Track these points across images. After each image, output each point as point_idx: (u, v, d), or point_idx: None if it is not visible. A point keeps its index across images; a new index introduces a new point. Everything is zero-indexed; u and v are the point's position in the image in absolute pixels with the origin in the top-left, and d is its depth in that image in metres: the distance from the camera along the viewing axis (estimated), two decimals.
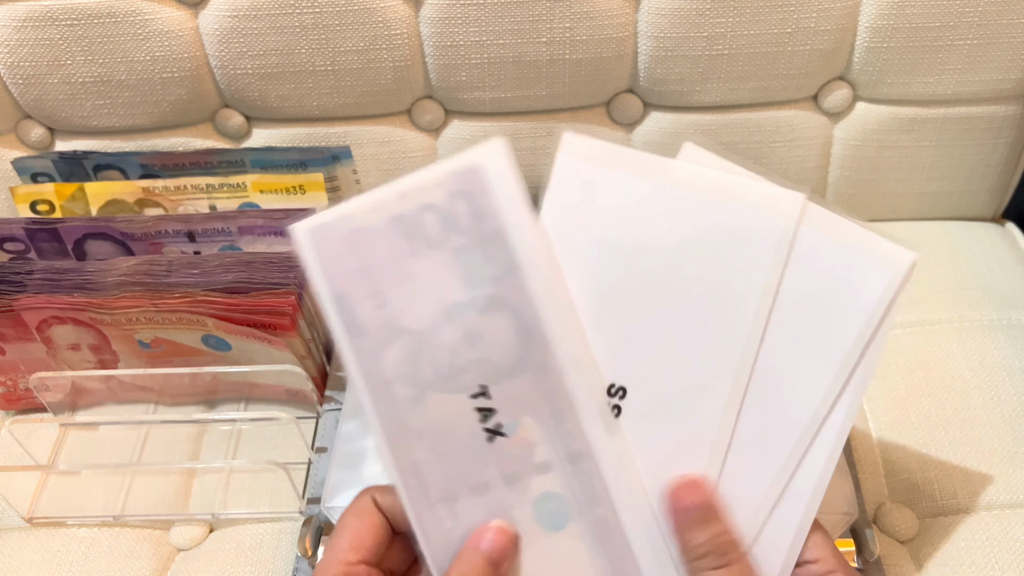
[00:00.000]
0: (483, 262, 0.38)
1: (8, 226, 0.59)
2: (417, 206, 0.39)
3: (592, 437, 0.40)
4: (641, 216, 0.37)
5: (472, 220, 0.38)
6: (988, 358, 0.58)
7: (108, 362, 0.58)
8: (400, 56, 0.60)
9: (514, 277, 0.38)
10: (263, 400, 0.60)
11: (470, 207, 0.39)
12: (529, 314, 0.39)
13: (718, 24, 0.58)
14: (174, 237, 0.59)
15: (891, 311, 0.36)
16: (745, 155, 0.65)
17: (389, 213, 0.39)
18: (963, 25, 0.58)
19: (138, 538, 0.54)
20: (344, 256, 0.39)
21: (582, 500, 0.39)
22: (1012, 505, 0.51)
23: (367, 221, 0.39)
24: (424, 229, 0.39)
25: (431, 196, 0.39)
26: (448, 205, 0.39)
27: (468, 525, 0.37)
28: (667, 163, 0.38)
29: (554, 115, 0.64)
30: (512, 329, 0.39)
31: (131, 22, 0.58)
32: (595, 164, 0.38)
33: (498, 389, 0.39)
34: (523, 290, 0.38)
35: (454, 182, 0.39)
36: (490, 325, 0.39)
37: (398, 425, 0.37)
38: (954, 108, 0.62)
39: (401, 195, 0.39)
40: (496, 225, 0.38)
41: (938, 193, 0.67)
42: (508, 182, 0.39)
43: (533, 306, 0.39)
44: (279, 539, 0.53)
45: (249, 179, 0.63)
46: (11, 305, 0.54)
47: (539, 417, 0.39)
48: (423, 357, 0.39)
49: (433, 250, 0.39)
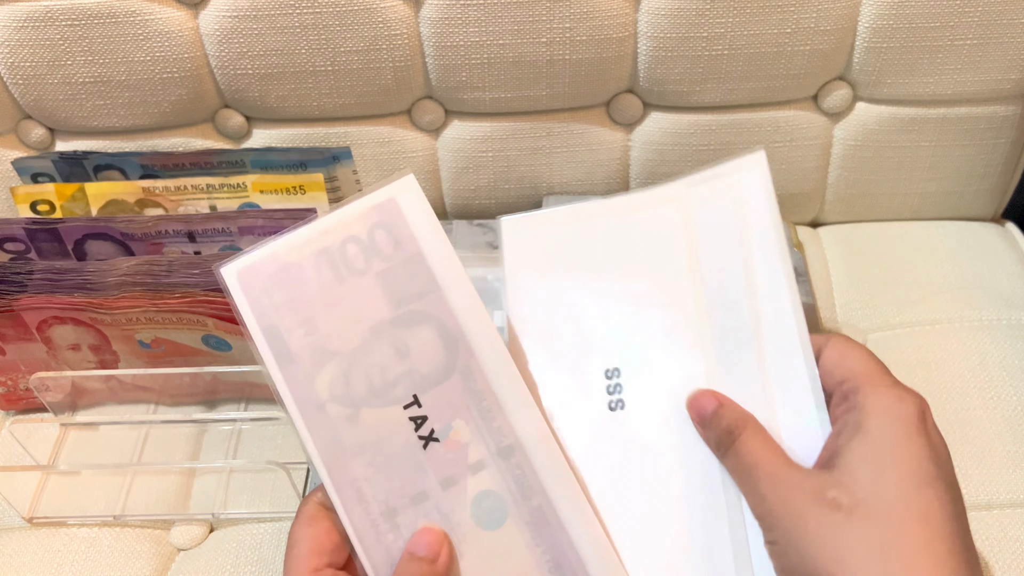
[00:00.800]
0: (405, 282, 0.42)
1: (9, 226, 0.59)
2: (341, 239, 0.42)
3: (520, 429, 0.42)
4: (588, 251, 0.44)
5: (392, 246, 0.42)
6: (988, 358, 0.58)
7: (108, 362, 0.58)
8: (400, 56, 0.60)
9: (435, 292, 0.42)
10: (263, 400, 0.60)
11: (389, 235, 0.42)
12: (452, 324, 0.42)
13: (718, 24, 0.58)
14: (174, 237, 0.59)
15: (773, 201, 0.42)
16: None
17: (314, 248, 0.42)
18: (963, 25, 0.58)
19: (138, 538, 0.54)
20: (272, 291, 0.41)
21: (517, 494, 0.40)
22: (1012, 505, 0.51)
23: (293, 257, 0.42)
24: (348, 259, 0.42)
25: (353, 229, 0.42)
26: (369, 236, 0.42)
27: (408, 537, 0.39)
28: (584, 206, 0.44)
29: (554, 115, 0.64)
30: (438, 339, 0.42)
31: (131, 22, 0.58)
32: (538, 235, 0.44)
33: (428, 397, 0.41)
34: (444, 303, 0.42)
35: (373, 215, 0.42)
36: (417, 338, 0.42)
37: (334, 445, 0.39)
38: (954, 108, 0.62)
39: (324, 231, 0.42)
40: (415, 248, 0.42)
41: (938, 193, 0.68)
42: (422, 210, 0.42)
43: (455, 316, 0.42)
44: (279, 539, 0.53)
45: (249, 179, 0.63)
46: (11, 305, 0.54)
47: (469, 418, 0.41)
48: (355, 375, 0.41)
49: (358, 277, 0.42)
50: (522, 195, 0.68)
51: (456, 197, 0.68)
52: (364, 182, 0.67)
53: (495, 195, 0.68)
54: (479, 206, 0.69)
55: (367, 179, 0.67)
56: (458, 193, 0.68)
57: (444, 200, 0.69)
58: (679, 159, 0.65)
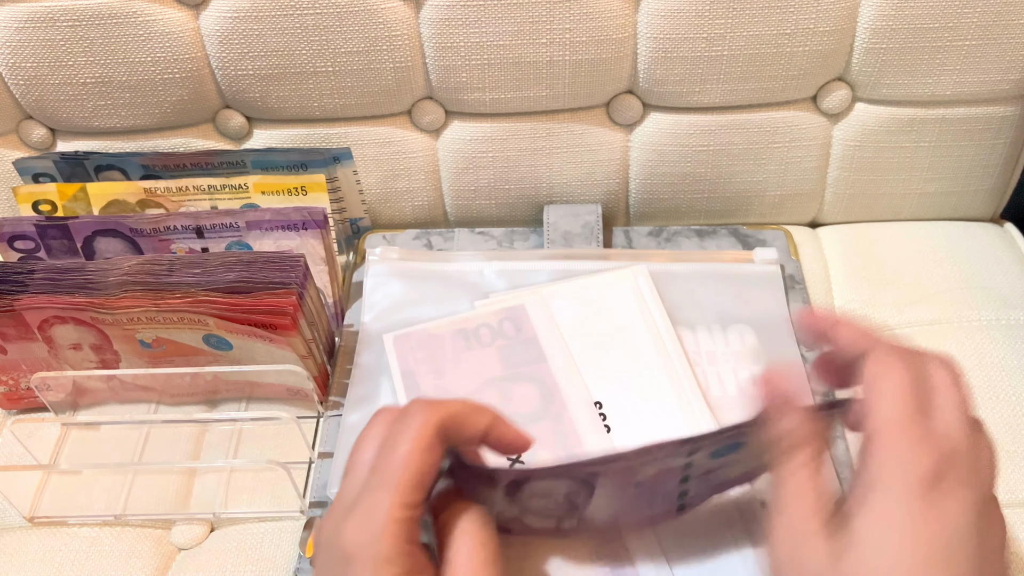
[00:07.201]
0: (520, 354, 0.55)
1: (19, 223, 0.59)
2: (476, 324, 0.57)
3: None
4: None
5: (515, 331, 0.56)
6: (986, 358, 0.58)
7: (109, 362, 0.58)
8: (401, 57, 0.60)
9: (542, 363, 0.55)
10: (264, 399, 0.61)
11: (514, 325, 0.57)
12: (551, 383, 0.54)
13: (717, 25, 0.58)
14: (182, 233, 0.59)
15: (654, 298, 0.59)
16: (745, 155, 0.65)
17: (455, 328, 0.57)
18: (962, 26, 0.58)
19: (139, 537, 0.54)
20: (416, 350, 0.56)
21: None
22: (1012, 505, 0.51)
23: (438, 331, 0.57)
24: (479, 336, 0.56)
25: (487, 319, 0.57)
26: (499, 324, 0.57)
27: None
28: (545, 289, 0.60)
29: (554, 116, 0.64)
30: (537, 393, 0.53)
31: (132, 23, 0.58)
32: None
33: None
34: (548, 371, 0.54)
35: (504, 312, 0.58)
36: (520, 390, 0.53)
37: None
38: (953, 109, 0.63)
39: (466, 319, 0.57)
40: (531, 334, 0.56)
41: (937, 193, 0.68)
42: (544, 311, 0.58)
43: (554, 379, 0.54)
44: (280, 538, 0.53)
45: (251, 180, 0.63)
46: (13, 305, 0.54)
47: (554, 452, 0.50)
48: None
49: (483, 347, 0.56)
50: (522, 195, 0.68)
51: (456, 197, 0.68)
52: (364, 183, 0.67)
53: (495, 195, 0.68)
54: (479, 206, 0.69)
55: (367, 179, 0.67)
56: (458, 194, 0.68)
57: (444, 201, 0.69)
58: (679, 159, 0.65)
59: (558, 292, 0.60)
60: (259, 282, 0.53)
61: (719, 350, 0.57)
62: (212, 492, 0.56)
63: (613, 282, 0.60)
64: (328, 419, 0.57)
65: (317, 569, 0.36)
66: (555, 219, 0.66)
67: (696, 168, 0.66)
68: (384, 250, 0.65)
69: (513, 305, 0.58)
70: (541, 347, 0.55)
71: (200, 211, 0.60)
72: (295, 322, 0.53)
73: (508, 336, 0.56)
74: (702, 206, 0.68)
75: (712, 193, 0.67)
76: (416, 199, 0.68)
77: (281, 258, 0.54)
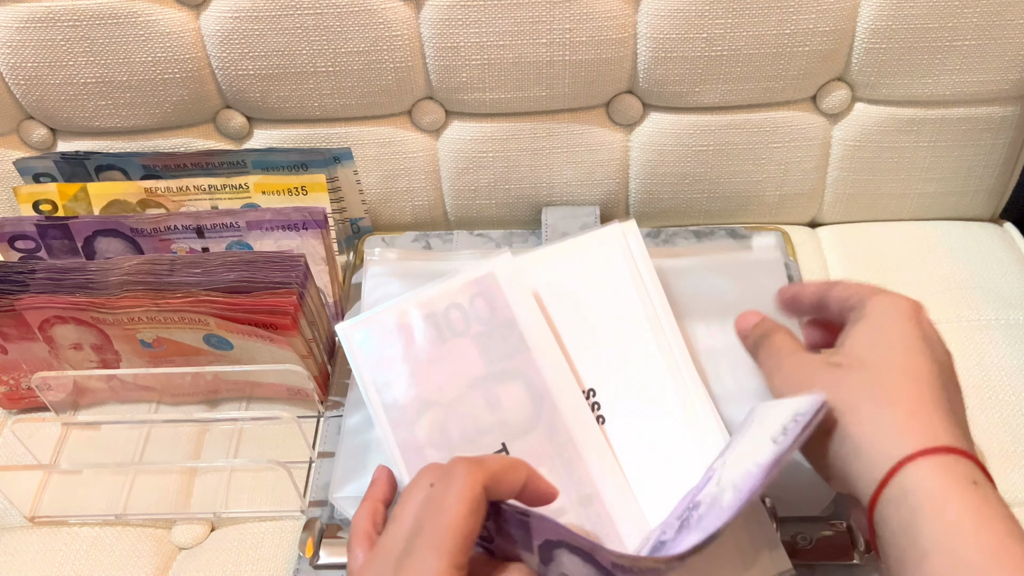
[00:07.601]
0: (499, 344, 0.49)
1: (20, 223, 0.59)
2: (445, 306, 0.50)
3: (599, 480, 0.47)
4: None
5: (488, 311, 0.50)
6: (986, 358, 0.59)
7: (110, 362, 0.58)
8: (401, 57, 0.60)
9: (524, 353, 0.49)
10: (265, 399, 0.61)
11: (487, 303, 0.50)
12: (538, 381, 0.49)
13: (717, 25, 0.58)
14: (183, 233, 0.60)
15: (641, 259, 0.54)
16: (745, 155, 0.65)
17: (423, 313, 0.50)
18: (962, 26, 0.58)
19: (140, 537, 0.54)
20: (384, 348, 0.49)
21: (595, 539, 0.42)
22: (1011, 504, 0.51)
23: (404, 320, 0.50)
24: (451, 322, 0.50)
25: (456, 297, 0.50)
26: (470, 303, 0.50)
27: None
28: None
29: (554, 116, 0.64)
30: (525, 394, 0.48)
31: (133, 23, 0.58)
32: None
33: (516, 446, 0.47)
34: (532, 362, 0.49)
35: (474, 286, 0.50)
36: (507, 392, 0.48)
37: None
38: (953, 109, 0.63)
39: (431, 299, 0.50)
40: (508, 315, 0.50)
41: (936, 193, 0.68)
42: (516, 283, 0.50)
43: (541, 374, 0.49)
44: (280, 538, 0.53)
45: (251, 180, 0.64)
46: (13, 305, 0.54)
47: (552, 467, 0.47)
48: (451, 424, 0.47)
49: (458, 338, 0.49)
50: (522, 195, 0.68)
51: (456, 197, 0.68)
52: (364, 183, 0.67)
53: (495, 195, 0.68)
54: (479, 207, 0.69)
55: (367, 180, 0.67)
56: (458, 194, 0.68)
57: (444, 201, 0.69)
58: (679, 159, 0.65)
59: (533, 262, 0.54)
60: (260, 282, 0.53)
61: (718, 344, 0.56)
62: (212, 492, 0.56)
63: (599, 243, 0.55)
64: (328, 419, 0.57)
65: None
66: (553, 221, 0.66)
67: (696, 168, 0.66)
68: (383, 251, 0.65)
69: (481, 275, 0.50)
70: (521, 332, 0.49)
71: (201, 211, 0.60)
72: (296, 322, 0.53)
73: (483, 318, 0.49)
74: (702, 206, 0.68)
75: (712, 193, 0.67)
76: (416, 199, 0.69)
77: (281, 258, 0.54)
